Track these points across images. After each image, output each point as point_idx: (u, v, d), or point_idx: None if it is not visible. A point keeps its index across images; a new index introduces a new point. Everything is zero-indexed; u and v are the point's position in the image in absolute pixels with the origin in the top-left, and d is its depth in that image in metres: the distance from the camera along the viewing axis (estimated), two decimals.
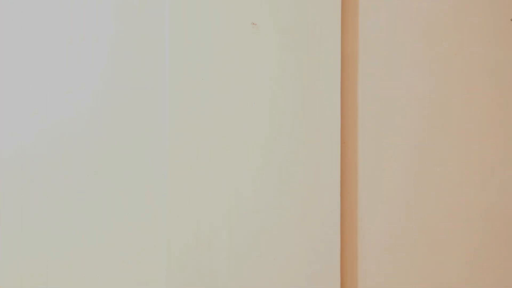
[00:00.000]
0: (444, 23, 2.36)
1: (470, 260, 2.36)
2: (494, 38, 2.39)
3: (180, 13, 2.07)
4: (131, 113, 2.06)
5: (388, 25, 2.30)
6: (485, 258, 2.35)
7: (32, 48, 2.00)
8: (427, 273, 2.24)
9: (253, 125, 2.09)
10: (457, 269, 2.34)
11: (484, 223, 2.34)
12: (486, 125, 2.35)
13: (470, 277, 2.35)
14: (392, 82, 2.30)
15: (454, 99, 2.35)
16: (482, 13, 2.38)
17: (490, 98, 2.38)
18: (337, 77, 2.20)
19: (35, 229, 1.99)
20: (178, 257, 2.05)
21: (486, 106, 2.37)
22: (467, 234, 2.34)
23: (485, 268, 2.36)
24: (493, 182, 2.37)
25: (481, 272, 2.37)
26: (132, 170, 2.06)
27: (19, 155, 1.98)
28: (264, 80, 2.14)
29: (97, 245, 2.03)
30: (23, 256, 1.98)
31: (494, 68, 2.39)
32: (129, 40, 2.06)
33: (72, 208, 2.01)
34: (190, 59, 2.08)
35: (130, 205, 2.06)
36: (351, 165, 2.30)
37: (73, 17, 2.03)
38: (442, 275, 2.33)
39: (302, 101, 2.15)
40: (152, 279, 2.07)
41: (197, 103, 2.08)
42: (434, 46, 2.35)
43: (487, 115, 2.38)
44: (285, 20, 2.16)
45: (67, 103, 2.02)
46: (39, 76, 2.00)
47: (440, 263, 2.30)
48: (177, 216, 2.04)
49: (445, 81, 2.36)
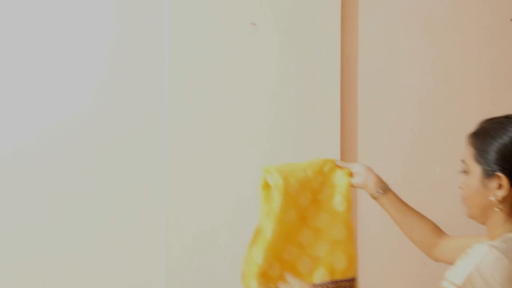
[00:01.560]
0: (443, 23, 2.36)
1: None
2: (494, 38, 2.39)
3: (180, 13, 2.07)
4: (130, 113, 2.06)
5: (387, 25, 2.31)
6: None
7: (32, 48, 1.99)
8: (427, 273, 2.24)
9: (253, 125, 2.09)
10: None
11: None
12: None
13: None
14: (392, 82, 2.31)
15: (454, 98, 2.36)
16: (482, 13, 2.38)
17: (490, 97, 2.38)
18: (337, 77, 2.20)
19: (34, 229, 1.98)
20: (178, 257, 2.05)
21: (486, 106, 2.38)
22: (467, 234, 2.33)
23: None
24: None
25: None
26: (132, 170, 2.06)
27: (18, 155, 1.98)
28: (264, 80, 2.14)
29: (96, 245, 2.03)
30: (22, 256, 1.98)
31: (494, 68, 2.39)
32: (129, 40, 2.06)
33: (71, 208, 2.01)
34: (190, 59, 2.08)
35: (130, 205, 2.05)
36: None
37: (72, 17, 2.03)
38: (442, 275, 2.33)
39: (302, 101, 2.16)
40: (151, 279, 2.07)
41: (197, 103, 2.08)
42: (434, 46, 2.35)
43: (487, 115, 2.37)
44: (285, 20, 2.16)
45: (67, 103, 2.02)
46: (39, 76, 2.00)
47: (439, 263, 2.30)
48: (177, 216, 2.04)
49: (445, 81, 2.36)
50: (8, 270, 1.98)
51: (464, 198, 1.27)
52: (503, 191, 1.17)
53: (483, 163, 1.19)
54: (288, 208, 1.44)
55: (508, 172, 1.16)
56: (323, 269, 1.45)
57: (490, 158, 1.18)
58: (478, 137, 1.23)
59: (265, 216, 1.46)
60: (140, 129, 2.07)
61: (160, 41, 2.08)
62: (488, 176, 1.19)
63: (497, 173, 1.16)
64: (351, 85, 2.27)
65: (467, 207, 1.27)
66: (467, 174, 1.24)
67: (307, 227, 1.50)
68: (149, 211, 2.07)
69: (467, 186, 1.24)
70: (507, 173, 1.16)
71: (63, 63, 2.02)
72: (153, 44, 2.08)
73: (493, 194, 1.18)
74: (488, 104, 2.38)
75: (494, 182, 1.18)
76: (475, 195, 1.22)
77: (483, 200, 1.20)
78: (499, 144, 1.18)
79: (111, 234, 2.04)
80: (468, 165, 1.24)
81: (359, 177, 1.50)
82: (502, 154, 1.17)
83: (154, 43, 2.08)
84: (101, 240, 2.04)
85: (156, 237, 2.07)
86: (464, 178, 1.26)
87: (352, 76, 2.28)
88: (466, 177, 1.25)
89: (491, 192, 1.18)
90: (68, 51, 2.03)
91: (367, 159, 2.28)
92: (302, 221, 1.49)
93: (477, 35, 2.36)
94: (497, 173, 1.16)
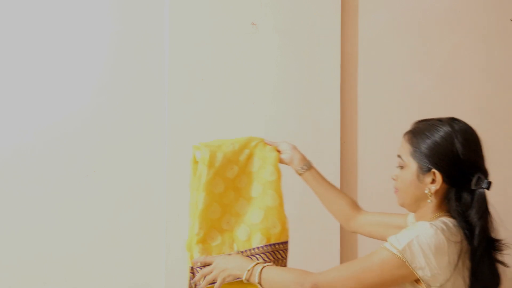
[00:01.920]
0: (443, 23, 2.36)
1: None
2: (494, 38, 2.39)
3: (180, 13, 2.07)
4: (130, 113, 2.06)
5: (387, 25, 2.30)
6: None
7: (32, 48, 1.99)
8: None
9: (253, 125, 2.09)
10: None
11: None
12: (486, 125, 2.35)
13: None
14: (392, 82, 2.30)
15: (454, 98, 2.35)
16: (482, 13, 2.38)
17: (490, 97, 2.38)
18: (337, 77, 2.20)
19: (34, 229, 1.98)
20: (178, 257, 2.05)
21: (486, 106, 2.38)
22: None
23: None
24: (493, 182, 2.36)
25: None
26: (132, 170, 2.06)
27: (19, 155, 1.98)
28: (264, 80, 2.14)
29: (96, 245, 2.03)
30: (22, 256, 1.98)
31: (494, 68, 2.39)
32: (129, 40, 2.06)
33: (71, 208, 2.01)
34: (190, 59, 2.08)
35: (130, 205, 2.05)
36: (351, 165, 2.30)
37: (72, 17, 2.03)
38: None
39: (302, 101, 2.16)
40: (151, 279, 2.07)
41: (197, 103, 2.08)
42: (434, 46, 2.35)
43: (487, 115, 2.38)
44: (285, 21, 2.16)
45: (67, 103, 2.02)
46: (39, 76, 2.00)
47: None
48: (177, 216, 2.04)
49: (444, 80, 2.36)
50: (8, 270, 1.98)
51: (397, 188, 1.42)
52: (436, 185, 1.33)
53: (419, 159, 1.34)
54: (215, 180, 1.56)
55: (441, 169, 1.32)
56: (260, 234, 1.56)
57: (426, 155, 1.34)
58: (415, 135, 1.38)
59: (195, 189, 1.58)
60: (140, 129, 2.07)
61: (160, 41, 2.08)
62: (423, 172, 1.34)
63: (433, 170, 1.32)
64: (351, 85, 2.27)
65: (399, 197, 1.41)
66: (403, 168, 1.38)
67: (242, 197, 1.61)
68: (149, 211, 2.07)
69: (403, 179, 1.38)
70: (440, 169, 1.32)
71: (63, 63, 2.02)
72: (153, 44, 2.08)
73: (427, 187, 1.33)
74: (488, 104, 2.37)
75: (429, 177, 1.33)
76: (409, 188, 1.37)
77: (416, 192, 1.36)
78: (433, 144, 1.34)
79: (111, 234, 2.04)
80: (404, 160, 1.38)
81: (285, 154, 1.64)
82: (436, 153, 1.33)
83: (154, 43, 2.08)
84: (101, 240, 2.03)
85: (156, 237, 2.07)
86: (399, 171, 1.40)
87: (352, 76, 2.27)
88: (401, 170, 1.39)
89: (425, 186, 1.34)
90: (68, 51, 2.03)
91: (367, 159, 2.28)
92: (236, 192, 1.61)
93: (477, 35, 2.36)
94: (433, 170, 1.32)
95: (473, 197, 1.32)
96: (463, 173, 1.32)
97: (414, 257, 1.24)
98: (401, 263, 1.24)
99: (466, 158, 1.32)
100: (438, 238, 1.25)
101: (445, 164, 1.32)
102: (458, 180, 1.32)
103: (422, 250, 1.24)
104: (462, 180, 1.32)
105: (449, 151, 1.32)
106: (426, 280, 1.25)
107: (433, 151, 1.33)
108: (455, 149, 1.32)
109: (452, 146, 1.32)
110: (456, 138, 1.33)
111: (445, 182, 1.32)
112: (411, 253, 1.24)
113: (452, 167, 1.32)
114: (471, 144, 1.35)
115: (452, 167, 1.32)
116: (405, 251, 1.24)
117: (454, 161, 1.32)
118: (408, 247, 1.24)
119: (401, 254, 1.24)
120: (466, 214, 1.31)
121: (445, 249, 1.25)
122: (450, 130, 1.34)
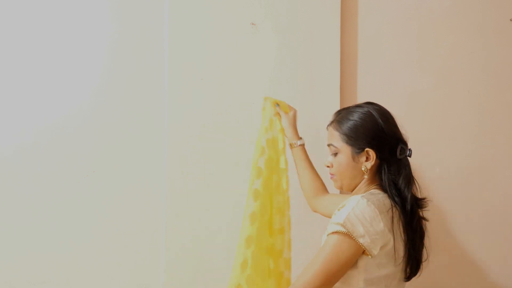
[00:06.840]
0: (443, 23, 2.36)
1: (471, 260, 2.36)
2: (494, 38, 2.39)
3: (180, 13, 2.07)
4: (130, 112, 2.06)
5: (387, 25, 2.30)
6: (485, 258, 2.35)
7: (32, 48, 2.00)
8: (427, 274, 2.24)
9: (252, 125, 2.09)
10: (457, 269, 2.34)
11: (484, 223, 2.35)
12: (486, 125, 2.35)
13: (470, 276, 2.35)
14: (391, 82, 2.31)
15: (454, 98, 2.36)
16: (482, 13, 2.38)
17: (490, 97, 2.38)
18: (337, 77, 2.20)
19: (34, 229, 1.98)
20: (177, 257, 2.05)
21: (486, 106, 2.38)
22: (467, 234, 2.34)
23: (486, 267, 2.36)
24: (493, 182, 2.37)
25: (481, 271, 2.36)
26: (131, 170, 2.06)
27: (18, 155, 1.98)
28: (263, 80, 2.14)
29: (96, 245, 2.03)
30: (22, 256, 1.98)
31: (494, 68, 2.39)
32: (129, 40, 2.06)
33: (71, 208, 2.01)
34: (189, 59, 2.08)
35: (129, 205, 2.05)
36: None
37: (72, 17, 2.03)
38: (442, 275, 2.33)
39: (302, 101, 2.15)
40: (151, 279, 2.07)
41: (197, 103, 2.08)
42: (433, 46, 2.35)
43: (486, 115, 2.38)
44: (285, 21, 2.16)
45: (66, 103, 2.02)
46: (38, 76, 2.00)
47: (439, 263, 2.30)
48: (176, 216, 2.04)
49: (444, 80, 2.36)
50: (7, 269, 1.98)
51: (333, 174, 1.57)
52: (371, 161, 1.49)
53: (351, 143, 1.51)
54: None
55: (373, 146, 1.48)
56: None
57: (357, 137, 1.50)
58: (341, 123, 1.54)
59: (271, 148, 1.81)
60: (140, 129, 2.07)
61: (160, 41, 2.08)
62: (357, 152, 1.50)
63: (366, 149, 1.48)
64: (351, 85, 2.27)
65: (336, 181, 1.58)
66: (337, 154, 1.54)
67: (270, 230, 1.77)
68: (149, 211, 2.07)
69: (340, 163, 1.54)
70: (373, 147, 1.48)
71: (63, 62, 2.03)
72: (152, 44, 2.08)
73: (364, 165, 1.50)
74: (488, 104, 2.37)
75: (363, 156, 1.50)
76: (347, 169, 1.53)
77: (354, 172, 1.52)
78: (360, 125, 1.50)
79: (110, 234, 2.04)
80: (337, 146, 1.53)
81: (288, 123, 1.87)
82: (365, 133, 1.49)
83: (153, 43, 2.08)
84: (100, 240, 2.04)
85: (156, 237, 2.07)
86: (332, 158, 1.56)
87: (352, 76, 2.27)
88: (335, 157, 1.54)
89: (361, 164, 1.51)
90: (68, 51, 2.03)
91: None
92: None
93: (477, 35, 2.36)
94: (366, 149, 1.48)
95: (399, 165, 1.50)
96: (389, 146, 1.49)
97: (354, 227, 1.37)
98: (346, 237, 1.37)
99: (389, 132, 1.50)
100: (370, 208, 1.39)
101: (375, 141, 1.49)
102: (387, 153, 1.49)
103: (359, 219, 1.38)
104: (389, 153, 1.49)
105: (375, 129, 1.49)
106: (367, 246, 1.37)
107: (361, 132, 1.50)
108: (380, 126, 1.50)
109: (376, 124, 1.50)
110: (377, 116, 1.50)
111: (378, 157, 1.49)
112: (351, 224, 1.37)
113: (381, 143, 1.49)
114: (389, 119, 1.53)
115: (381, 143, 1.49)
116: (345, 224, 1.37)
117: (381, 137, 1.49)
118: (348, 219, 1.37)
119: (343, 227, 1.37)
120: (396, 181, 1.48)
121: (378, 215, 1.39)
122: (370, 111, 1.51)
